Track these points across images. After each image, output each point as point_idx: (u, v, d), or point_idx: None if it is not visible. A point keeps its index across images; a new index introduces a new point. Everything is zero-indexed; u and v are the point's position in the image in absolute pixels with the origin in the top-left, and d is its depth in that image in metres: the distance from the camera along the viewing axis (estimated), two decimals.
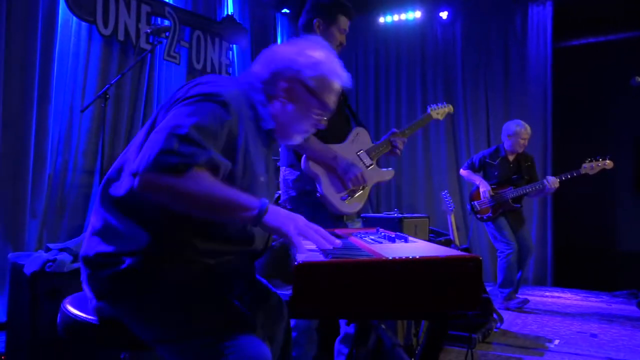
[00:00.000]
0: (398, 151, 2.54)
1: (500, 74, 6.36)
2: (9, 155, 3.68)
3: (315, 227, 1.28)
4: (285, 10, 6.62)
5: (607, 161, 4.26)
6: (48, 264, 2.08)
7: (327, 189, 2.32)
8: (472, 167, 4.75)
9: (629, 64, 5.91)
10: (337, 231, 1.87)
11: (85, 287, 1.36)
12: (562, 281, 5.95)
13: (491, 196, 4.53)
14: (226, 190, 1.25)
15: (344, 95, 2.58)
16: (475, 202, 4.68)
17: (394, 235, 1.43)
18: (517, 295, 4.66)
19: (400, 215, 2.90)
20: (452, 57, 6.66)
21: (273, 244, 3.10)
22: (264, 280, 1.67)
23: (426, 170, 6.73)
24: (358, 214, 2.50)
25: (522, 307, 4.53)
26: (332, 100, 1.51)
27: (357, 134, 2.51)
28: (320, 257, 1.04)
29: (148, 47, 4.58)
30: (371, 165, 2.47)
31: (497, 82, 6.37)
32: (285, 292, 2.63)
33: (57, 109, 4.08)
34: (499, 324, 3.82)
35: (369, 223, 2.88)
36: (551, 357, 3.22)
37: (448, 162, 6.58)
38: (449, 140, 6.62)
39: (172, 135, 1.19)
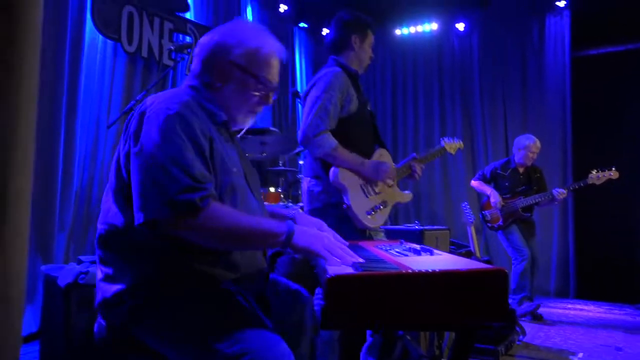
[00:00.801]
0: (417, 176, 2.63)
1: (518, 84, 6.36)
2: (39, 171, 3.78)
3: (341, 243, 1.33)
4: (302, 25, 6.72)
5: (613, 171, 4.45)
6: (81, 276, 2.14)
7: (353, 201, 2.37)
8: (483, 178, 4.90)
9: None
10: (362, 243, 1.91)
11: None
12: (584, 293, 5.87)
13: (502, 206, 4.67)
14: (250, 219, 1.30)
15: (372, 114, 2.65)
16: (486, 212, 4.81)
17: (419, 248, 1.46)
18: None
19: (421, 227, 2.93)
20: (469, 69, 6.68)
21: (295, 255, 3.15)
22: (290, 283, 1.67)
23: (444, 182, 6.73)
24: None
25: (533, 311, 4.55)
26: (270, 73, 1.50)
27: (381, 154, 2.59)
28: (350, 270, 1.08)
29: (171, 63, 4.70)
30: (392, 185, 2.53)
31: (514, 93, 6.37)
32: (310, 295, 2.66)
33: (84, 124, 4.19)
34: (521, 337, 3.80)
35: (390, 235, 2.91)
36: None
37: (466, 173, 6.57)
38: (467, 152, 6.61)
39: (167, 173, 1.22)
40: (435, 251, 1.40)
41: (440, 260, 1.23)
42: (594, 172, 4.46)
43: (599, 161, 6.17)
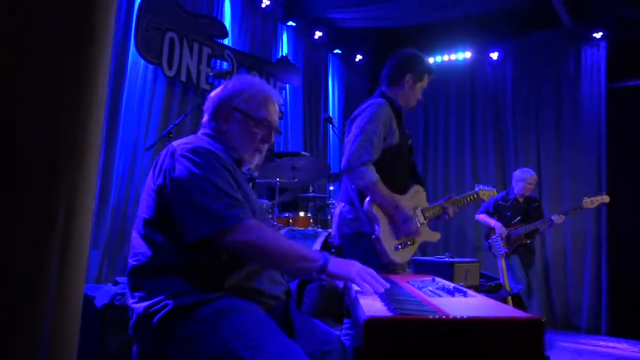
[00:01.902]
0: (447, 217, 2.65)
1: (552, 115, 6.29)
2: None
3: (371, 270, 1.44)
4: (337, 51, 6.83)
5: (604, 196, 4.80)
6: (117, 297, 2.21)
7: (383, 234, 2.38)
8: (487, 212, 5.23)
9: None
10: (393, 277, 1.93)
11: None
12: (617, 330, 5.69)
13: (506, 235, 4.94)
14: (290, 242, 1.45)
15: (410, 148, 2.68)
16: (491, 240, 4.95)
17: (452, 288, 1.47)
18: None
19: (451, 260, 2.92)
20: (502, 98, 6.65)
21: (324, 283, 3.17)
22: (323, 326, 1.72)
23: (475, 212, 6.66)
24: (409, 262, 2.56)
25: None
26: (268, 114, 1.70)
27: (418, 191, 2.62)
28: (386, 312, 1.10)
29: (208, 87, 4.84)
30: (423, 223, 2.54)
31: (548, 124, 6.30)
32: (336, 331, 2.68)
33: (123, 145, 4.33)
34: None
35: (420, 267, 2.92)
36: None
37: None
38: (499, 183, 6.55)
39: (210, 195, 1.38)
40: (469, 292, 1.41)
41: (475, 304, 1.24)
42: (586, 197, 4.82)
43: (633, 196, 6.09)
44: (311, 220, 4.61)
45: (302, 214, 4.59)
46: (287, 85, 6.02)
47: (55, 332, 1.19)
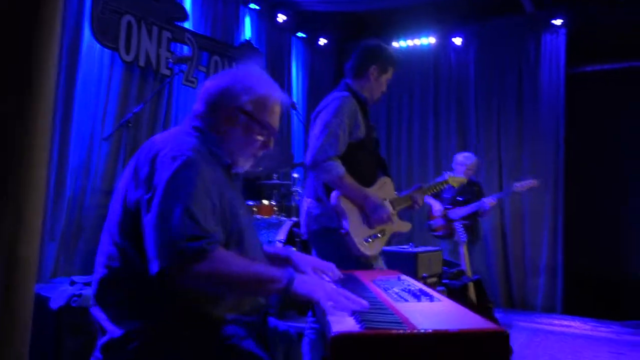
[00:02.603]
0: (417, 206, 2.63)
1: (513, 100, 6.40)
2: None
3: (343, 291, 1.34)
4: (300, 35, 6.73)
5: (534, 181, 5.08)
6: (74, 299, 2.13)
7: (352, 227, 2.37)
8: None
9: None
10: (359, 275, 1.92)
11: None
12: (571, 309, 5.92)
13: (443, 215, 5.14)
14: (253, 266, 1.35)
15: (377, 142, 2.67)
16: (431, 222, 5.28)
17: (418, 291, 1.47)
18: None
19: (415, 250, 2.94)
20: (465, 83, 6.71)
21: None
22: (279, 324, 1.70)
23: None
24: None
25: None
26: (273, 119, 1.58)
27: (385, 182, 2.61)
28: (354, 327, 1.09)
29: (168, 72, 4.69)
30: (393, 214, 2.54)
31: (509, 108, 6.41)
32: (301, 324, 2.67)
33: (79, 133, 4.16)
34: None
35: (385, 257, 2.93)
36: None
37: None
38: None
39: (179, 223, 1.25)
40: (435, 295, 1.41)
41: (441, 312, 1.24)
42: (517, 182, 5.10)
43: (591, 177, 6.31)
44: (275, 208, 4.57)
45: (265, 202, 4.54)
46: None
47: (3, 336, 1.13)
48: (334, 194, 2.38)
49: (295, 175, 4.94)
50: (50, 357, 2.12)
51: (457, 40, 6.62)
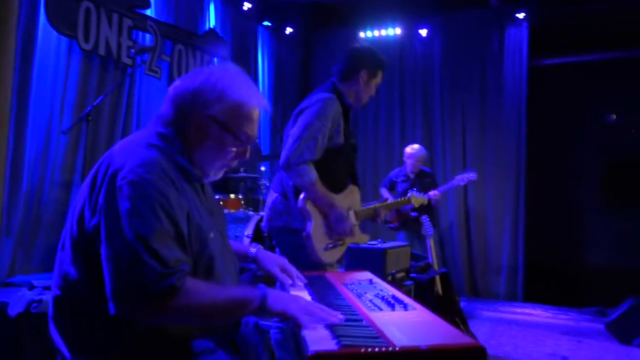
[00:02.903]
0: (379, 220, 2.69)
1: (477, 92, 6.48)
2: None
3: (318, 304, 1.31)
4: (266, 23, 6.63)
5: (472, 174, 5.14)
6: (33, 305, 2.05)
7: (314, 232, 2.34)
8: (385, 186, 5.64)
9: (602, 84, 6.16)
10: (330, 278, 1.90)
11: None
12: (532, 297, 6.09)
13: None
14: (224, 291, 1.28)
15: (354, 147, 2.64)
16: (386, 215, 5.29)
17: (391, 299, 1.46)
18: None
19: (384, 247, 2.95)
20: (431, 75, 6.75)
21: (258, 273, 3.11)
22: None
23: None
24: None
25: None
26: (250, 128, 1.40)
27: (352, 191, 2.59)
28: (329, 344, 1.06)
29: (129, 61, 4.54)
30: (355, 224, 2.53)
31: (473, 101, 6.49)
32: (268, 322, 2.64)
33: (35, 124, 3.99)
34: None
35: (354, 254, 2.93)
36: None
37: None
38: (426, 159, 6.72)
39: (141, 261, 1.14)
40: (409, 304, 1.41)
41: (416, 323, 1.23)
42: (458, 176, 5.19)
43: (551, 169, 6.48)
44: (242, 202, 4.52)
45: (232, 196, 4.48)
46: (215, 58, 5.77)
47: None
48: (302, 195, 2.35)
49: (263, 168, 4.89)
50: None
51: (423, 32, 6.65)
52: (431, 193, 5.01)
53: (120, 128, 4.64)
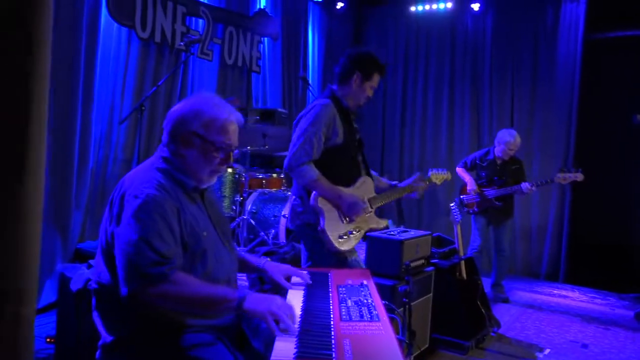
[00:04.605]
0: (418, 196, 2.98)
1: (528, 68, 6.37)
2: (57, 151, 4.06)
3: (288, 308, 1.58)
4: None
5: (579, 174, 4.78)
6: (89, 283, 2.45)
7: (328, 225, 2.60)
8: (465, 166, 5.26)
9: None
10: (331, 274, 2.17)
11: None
12: (574, 278, 6.10)
13: (476, 193, 5.05)
14: (207, 287, 1.60)
15: (360, 143, 2.85)
16: (464, 197, 5.18)
17: (367, 308, 1.72)
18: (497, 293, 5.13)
19: (401, 237, 3.13)
20: (482, 49, 6.68)
21: (285, 256, 3.43)
22: None
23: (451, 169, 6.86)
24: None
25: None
26: (227, 137, 1.75)
27: (364, 182, 2.80)
28: (288, 355, 1.35)
29: (183, 47, 4.86)
30: (370, 212, 2.75)
31: (524, 77, 6.40)
32: None
33: (99, 107, 4.44)
34: (495, 328, 4.10)
35: (373, 244, 3.16)
36: None
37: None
38: (473, 135, 6.75)
39: (140, 252, 1.51)
40: (380, 315, 1.66)
41: (371, 338, 1.49)
42: (560, 173, 4.82)
43: (602, 151, 6.33)
44: (284, 181, 4.83)
45: (274, 175, 4.79)
46: (265, 38, 6.01)
47: None
48: (313, 194, 2.61)
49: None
50: (72, 334, 2.48)
51: (475, 6, 6.55)
52: (526, 187, 4.77)
53: None
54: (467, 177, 5.16)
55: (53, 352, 2.74)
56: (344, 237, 2.63)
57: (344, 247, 2.63)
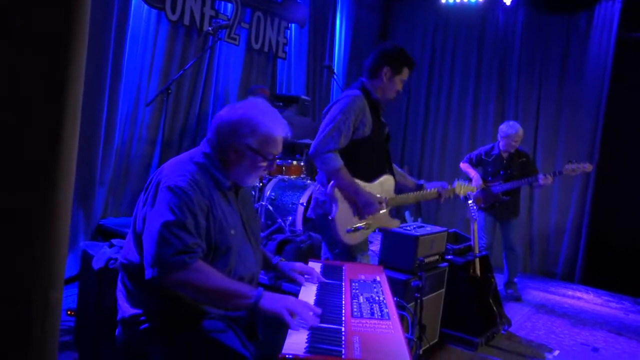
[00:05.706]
0: (442, 201, 2.99)
1: (557, 67, 6.28)
2: (83, 129, 4.12)
3: (305, 303, 1.64)
4: None
5: (587, 165, 4.68)
6: (111, 262, 2.54)
7: (339, 216, 2.63)
8: (470, 161, 5.16)
9: None
10: (345, 268, 2.22)
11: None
12: (589, 280, 6.06)
13: (482, 189, 4.95)
14: (227, 281, 1.67)
15: (388, 138, 2.87)
16: (470, 193, 5.03)
17: (378, 305, 1.76)
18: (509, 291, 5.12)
19: (417, 233, 3.15)
20: (511, 45, 6.60)
21: (301, 245, 3.48)
22: None
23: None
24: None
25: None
26: (275, 149, 1.84)
27: (385, 180, 2.82)
28: (300, 349, 1.40)
29: (211, 31, 4.90)
30: (384, 211, 2.78)
31: (552, 75, 6.31)
32: None
33: (127, 87, 4.52)
34: (506, 326, 4.12)
35: (388, 238, 3.19)
36: None
37: None
38: (496, 133, 6.64)
39: (166, 240, 1.59)
40: (390, 314, 1.70)
41: (380, 336, 1.53)
42: (568, 164, 4.70)
43: (626, 154, 6.22)
44: (303, 169, 4.87)
45: (295, 162, 4.83)
46: (292, 24, 6.01)
47: None
48: (331, 183, 2.64)
49: None
50: (92, 310, 2.57)
51: (507, 0, 6.43)
52: (542, 177, 4.68)
53: (200, 90, 5.11)
54: (472, 172, 5.07)
55: (73, 325, 2.85)
56: (352, 230, 2.65)
57: (349, 241, 2.67)
